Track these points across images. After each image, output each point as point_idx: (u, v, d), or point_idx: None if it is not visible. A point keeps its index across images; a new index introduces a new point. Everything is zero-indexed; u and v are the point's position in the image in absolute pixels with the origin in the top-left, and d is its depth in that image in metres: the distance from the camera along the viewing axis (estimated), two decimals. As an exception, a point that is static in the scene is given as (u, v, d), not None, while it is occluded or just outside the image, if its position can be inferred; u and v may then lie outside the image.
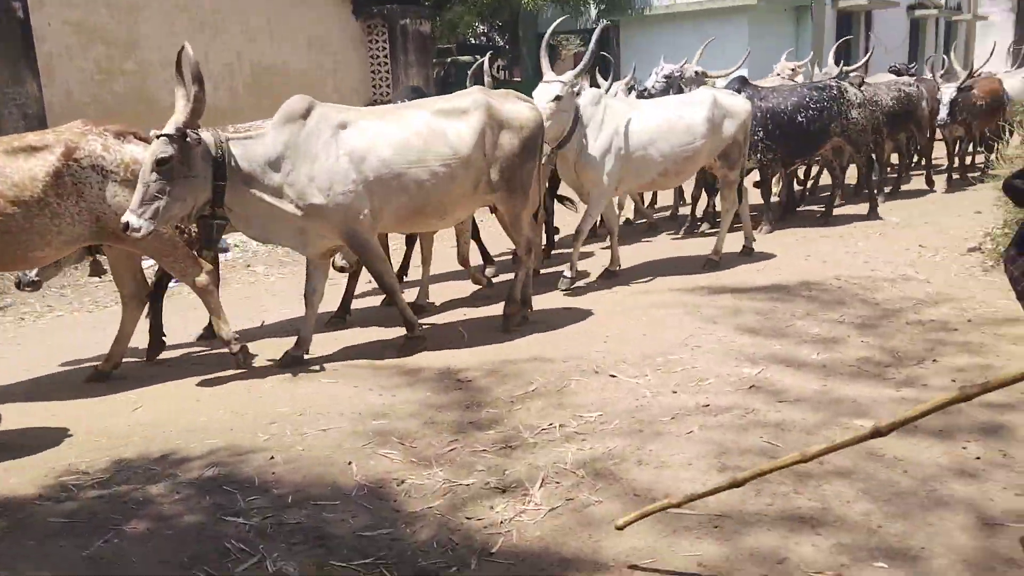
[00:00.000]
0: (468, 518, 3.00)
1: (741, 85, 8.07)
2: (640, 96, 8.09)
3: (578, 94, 6.00)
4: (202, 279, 4.55)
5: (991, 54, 10.56)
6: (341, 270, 5.56)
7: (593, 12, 17.55)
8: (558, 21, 8.26)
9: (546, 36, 6.62)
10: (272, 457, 3.48)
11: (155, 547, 2.80)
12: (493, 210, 5.59)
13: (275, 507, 3.06)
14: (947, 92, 9.34)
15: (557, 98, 5.60)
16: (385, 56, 13.76)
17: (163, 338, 5.07)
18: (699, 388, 4.05)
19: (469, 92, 5.01)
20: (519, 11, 17.11)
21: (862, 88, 8.62)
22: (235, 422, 3.90)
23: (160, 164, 4.00)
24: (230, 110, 10.60)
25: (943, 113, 9.25)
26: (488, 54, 8.57)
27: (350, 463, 3.44)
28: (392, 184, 4.57)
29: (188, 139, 4.05)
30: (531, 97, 5.39)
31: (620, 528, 2.74)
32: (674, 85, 8.11)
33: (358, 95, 13.61)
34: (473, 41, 21.57)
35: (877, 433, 2.30)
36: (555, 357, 4.56)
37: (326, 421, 3.88)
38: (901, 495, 2.97)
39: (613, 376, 4.24)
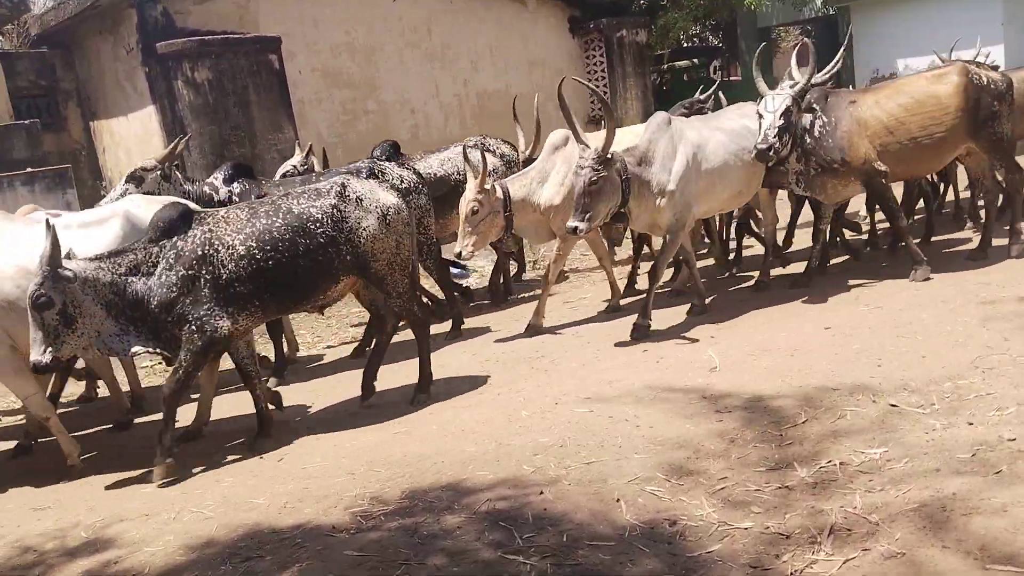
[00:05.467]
0: (752, 567, 2.83)
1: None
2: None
3: None
4: None
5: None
6: None
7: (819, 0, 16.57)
8: None
9: None
10: (541, 492, 3.50)
11: (445, 585, 2.89)
12: None
13: (553, 546, 3.06)
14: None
15: None
16: (603, 70, 13.82)
17: None
18: (1000, 419, 3.61)
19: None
20: (737, 9, 16.51)
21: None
22: (500, 453, 3.98)
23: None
24: (461, 138, 11.09)
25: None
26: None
27: (618, 500, 3.39)
28: None
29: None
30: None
31: None
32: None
33: (576, 113, 13.76)
34: (686, 44, 21.12)
35: None
36: (822, 384, 4.26)
37: (587, 453, 3.86)
38: None
39: (894, 405, 3.88)
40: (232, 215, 4.69)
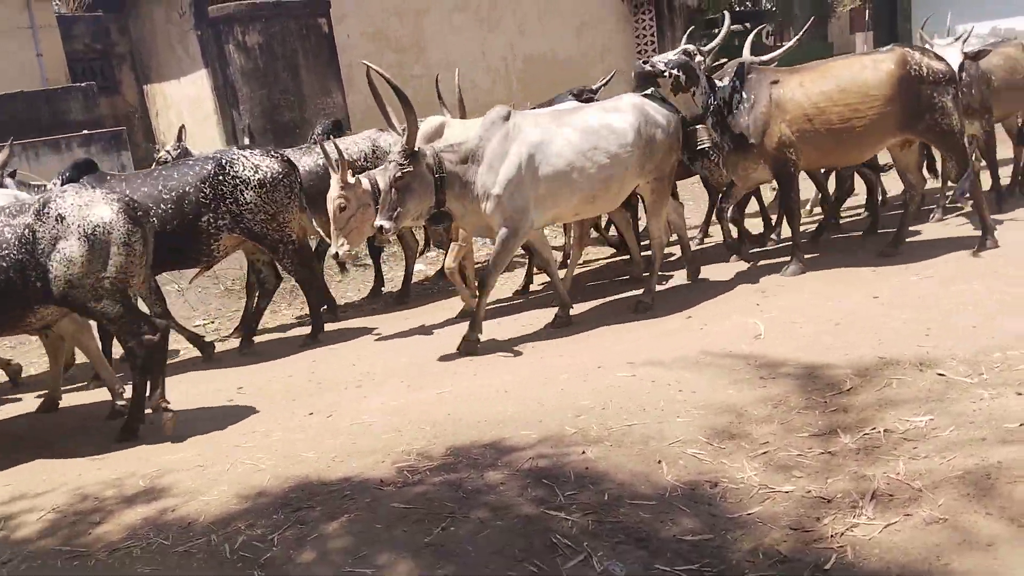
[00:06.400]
0: (793, 529, 2.86)
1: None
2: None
3: None
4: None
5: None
6: None
7: (876, -39, 16.05)
8: None
9: None
10: (584, 452, 3.55)
11: (488, 537, 2.97)
12: None
13: (594, 504, 3.12)
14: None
15: None
16: (652, 34, 13.63)
17: None
18: (1051, 390, 3.56)
19: None
20: (791, -29, 16.13)
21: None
22: (543, 414, 4.04)
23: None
24: (507, 102, 11.07)
25: None
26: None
27: (659, 461, 3.43)
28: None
29: None
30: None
31: None
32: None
33: (625, 78, 13.61)
34: (739, 8, 20.68)
35: None
36: (868, 353, 4.23)
37: (629, 416, 3.90)
38: None
39: (941, 375, 3.85)
40: None
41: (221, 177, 5.83)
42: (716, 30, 18.04)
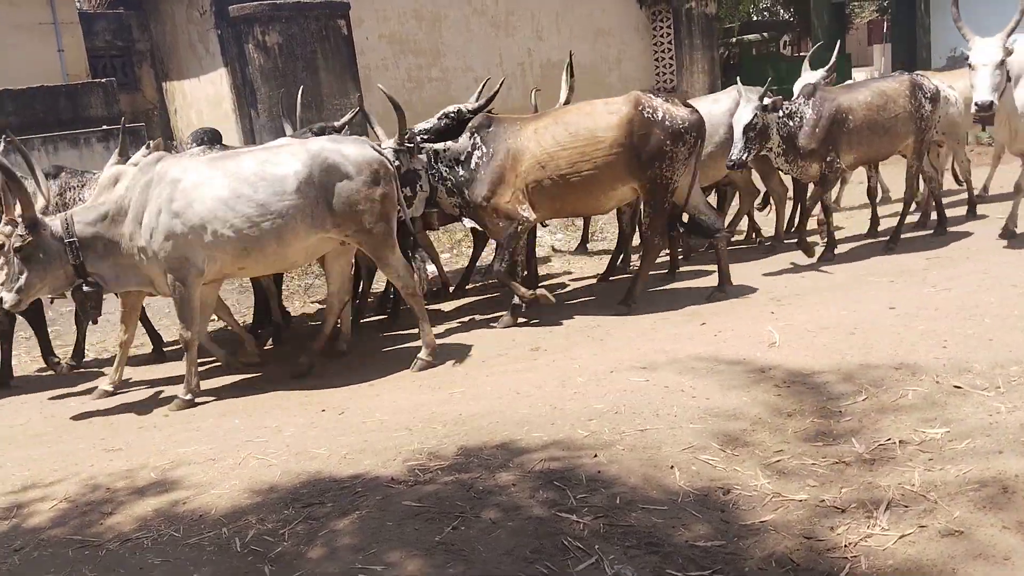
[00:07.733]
0: (806, 537, 2.84)
1: None
2: None
3: None
4: None
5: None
6: None
7: (897, -26, 16.02)
8: None
9: None
10: (596, 455, 3.54)
11: (498, 538, 2.95)
12: None
13: (606, 507, 3.10)
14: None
15: None
16: (669, 42, 13.63)
17: None
18: (1068, 405, 3.53)
19: None
20: (810, -18, 16.11)
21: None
22: (555, 416, 4.03)
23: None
24: (523, 108, 11.06)
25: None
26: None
27: (672, 467, 3.41)
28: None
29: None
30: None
31: None
32: None
33: (640, 84, 13.61)
34: (757, 18, 20.69)
35: None
36: (883, 363, 4.21)
37: (642, 421, 3.88)
38: None
39: (958, 387, 3.82)
40: None
41: None
42: (733, 39, 18.13)
